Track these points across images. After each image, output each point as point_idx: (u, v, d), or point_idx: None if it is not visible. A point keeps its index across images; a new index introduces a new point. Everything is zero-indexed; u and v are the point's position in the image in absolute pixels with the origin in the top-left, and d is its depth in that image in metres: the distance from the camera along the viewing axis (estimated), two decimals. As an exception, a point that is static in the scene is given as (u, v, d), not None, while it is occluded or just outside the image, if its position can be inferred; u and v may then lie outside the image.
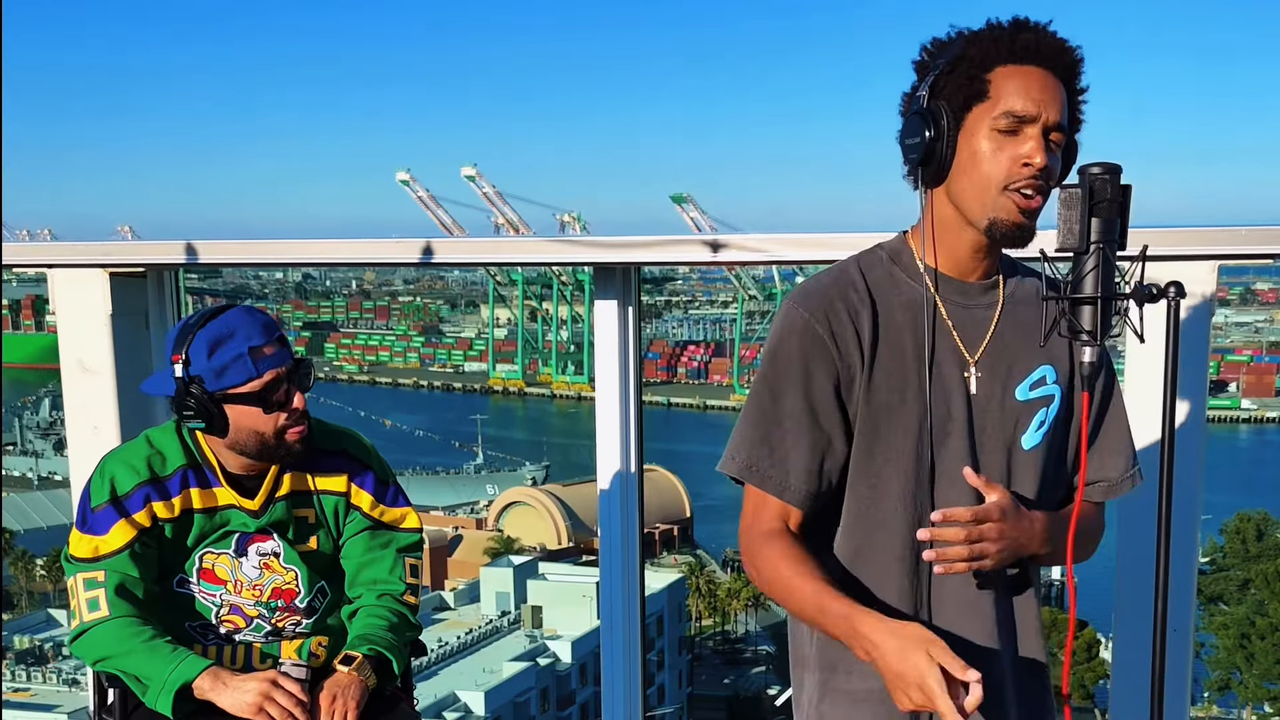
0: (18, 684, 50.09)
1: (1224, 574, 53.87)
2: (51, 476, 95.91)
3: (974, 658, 2.12)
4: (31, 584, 68.35)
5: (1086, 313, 1.92)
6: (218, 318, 2.69)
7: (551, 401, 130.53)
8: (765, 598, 2.11)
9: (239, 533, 2.80)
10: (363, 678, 2.73)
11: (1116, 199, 1.89)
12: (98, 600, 2.69)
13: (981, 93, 1.97)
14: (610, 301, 3.62)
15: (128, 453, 2.79)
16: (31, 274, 25.57)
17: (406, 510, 2.95)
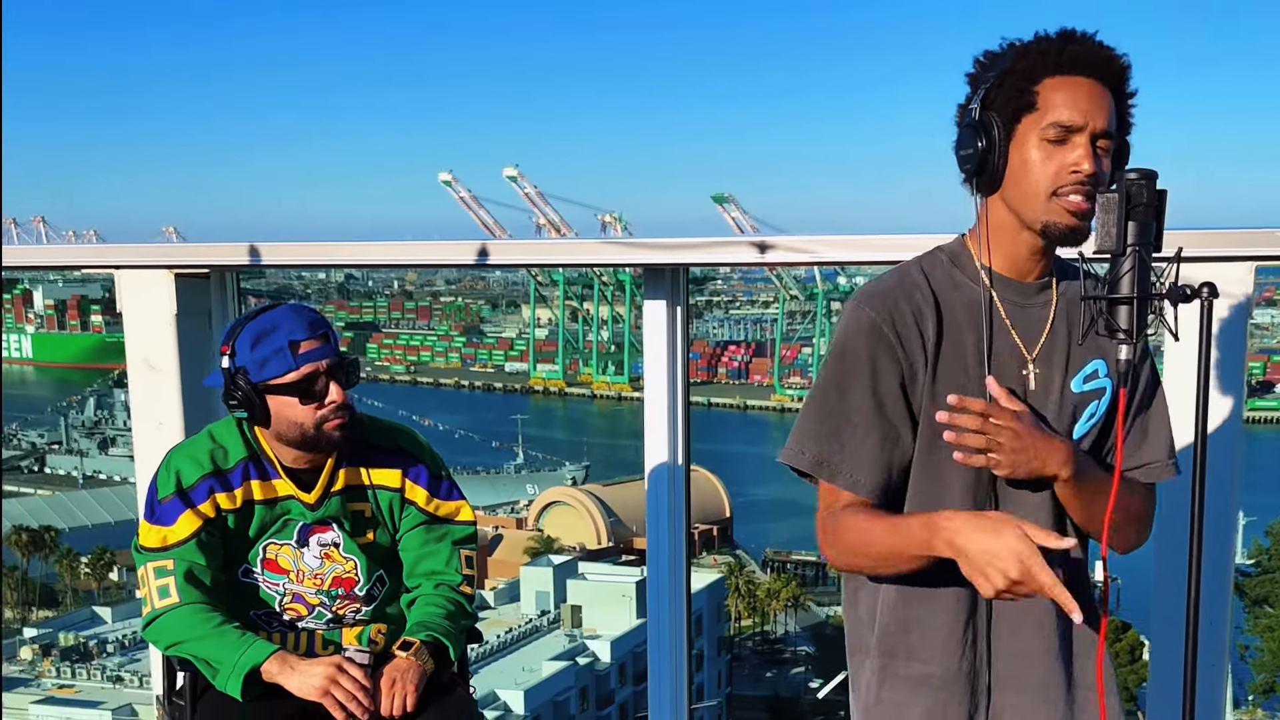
0: (63, 680, 50.67)
1: (1270, 576, 53.30)
2: (96, 475, 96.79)
3: (1032, 666, 2.23)
4: (76, 582, 69.02)
5: (1123, 312, 1.99)
6: (264, 314, 2.84)
7: (592, 401, 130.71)
8: (835, 571, 2.13)
9: (300, 523, 2.92)
10: (421, 663, 2.84)
11: (1152, 203, 1.96)
12: (168, 587, 2.82)
13: (1030, 104, 2.06)
14: (659, 302, 3.71)
15: (192, 447, 2.92)
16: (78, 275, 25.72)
17: (461, 504, 3.06)
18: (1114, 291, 1.99)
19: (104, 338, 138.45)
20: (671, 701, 3.99)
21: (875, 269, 3.21)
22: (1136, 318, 1.98)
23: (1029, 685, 2.24)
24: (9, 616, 64.67)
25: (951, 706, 2.23)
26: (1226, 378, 3.16)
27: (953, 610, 2.22)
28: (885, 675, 2.27)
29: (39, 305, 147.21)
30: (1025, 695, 2.24)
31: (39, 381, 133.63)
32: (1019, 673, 2.24)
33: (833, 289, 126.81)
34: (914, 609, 2.23)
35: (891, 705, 2.26)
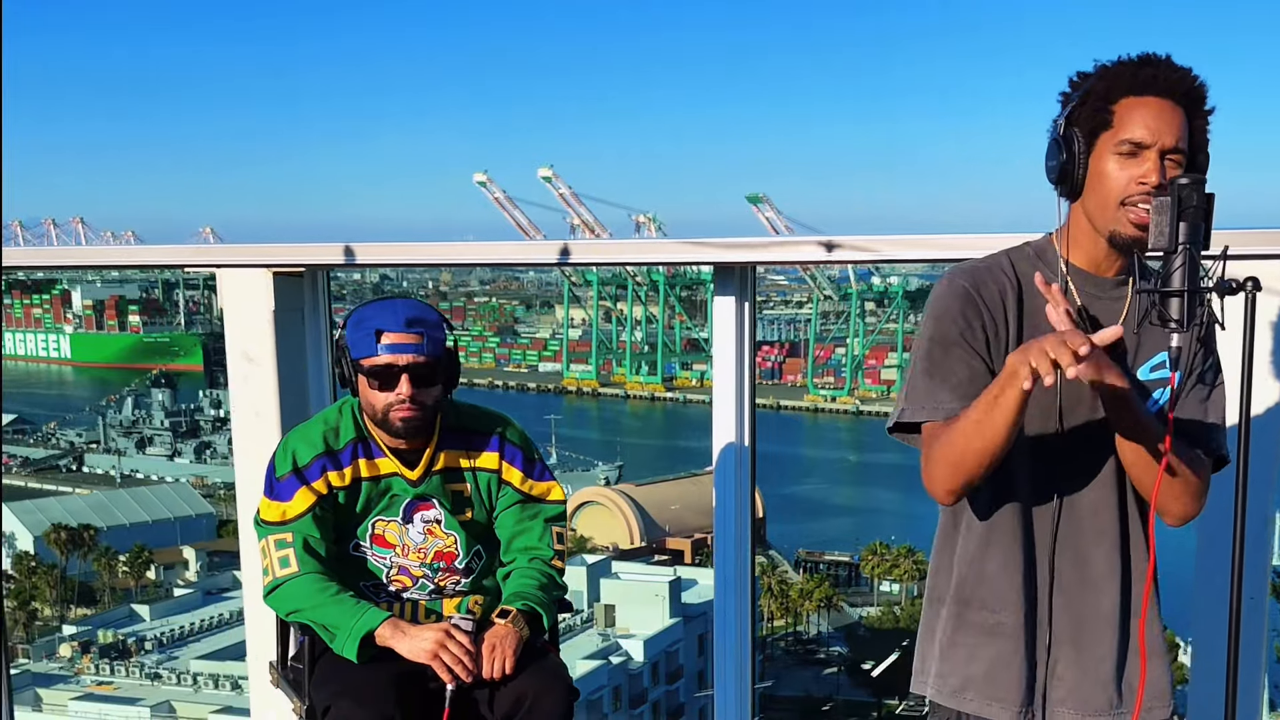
0: (101, 677, 51.15)
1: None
2: (134, 474, 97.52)
3: (1086, 627, 2.45)
4: (114, 580, 69.60)
5: (1174, 304, 2.21)
6: (377, 301, 3.11)
7: (625, 402, 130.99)
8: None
9: (405, 500, 3.17)
10: (518, 629, 3.08)
11: (1201, 205, 2.19)
12: (288, 558, 3.08)
13: (1107, 122, 2.31)
14: (729, 299, 3.93)
15: (307, 429, 3.18)
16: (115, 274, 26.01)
17: (552, 484, 3.31)
18: (1166, 285, 2.21)
19: (141, 338, 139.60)
20: (736, 685, 4.19)
21: (938, 268, 3.40)
22: (1186, 309, 2.21)
23: (1085, 644, 2.47)
24: (48, 614, 65.34)
25: (1016, 655, 2.47)
26: (1272, 372, 3.32)
27: (1021, 568, 2.46)
28: (960, 621, 2.51)
29: (77, 305, 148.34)
30: (1082, 653, 2.48)
31: (77, 381, 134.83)
32: (1075, 632, 2.47)
33: (866, 289, 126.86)
34: (988, 564, 2.47)
35: (964, 648, 2.51)
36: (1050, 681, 2.48)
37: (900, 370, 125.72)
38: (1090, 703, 2.48)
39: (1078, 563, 2.46)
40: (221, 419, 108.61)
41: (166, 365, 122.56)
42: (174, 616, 58.66)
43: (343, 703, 2.96)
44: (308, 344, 4.28)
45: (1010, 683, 2.48)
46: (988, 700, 2.49)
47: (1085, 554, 2.46)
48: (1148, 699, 2.48)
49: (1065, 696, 2.48)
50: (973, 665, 2.51)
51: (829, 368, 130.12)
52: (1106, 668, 2.48)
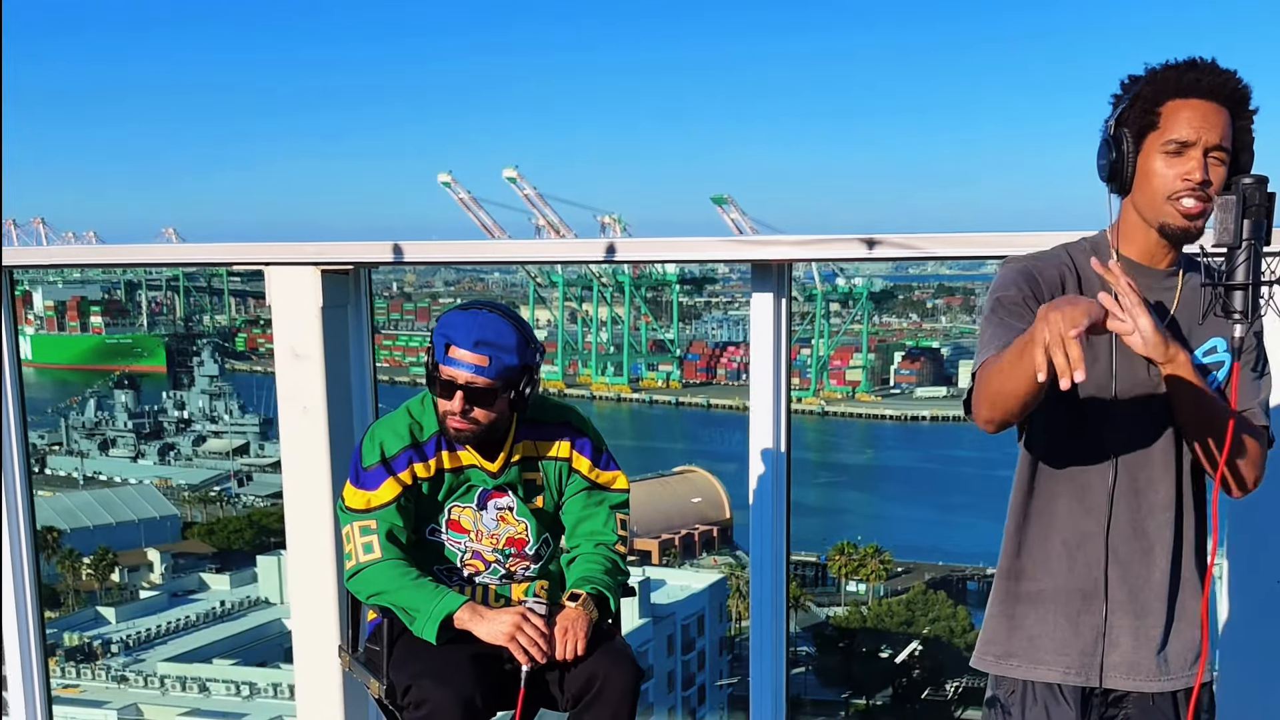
0: (67, 680, 50.81)
1: None
2: (97, 476, 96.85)
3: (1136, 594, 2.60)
4: (78, 583, 69.13)
5: (1238, 297, 2.36)
6: (466, 310, 3.21)
7: (592, 403, 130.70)
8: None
9: (481, 489, 3.29)
10: (588, 612, 3.21)
11: (1265, 204, 2.34)
12: (372, 544, 3.20)
13: (1154, 123, 2.46)
14: (766, 295, 4.05)
15: (394, 422, 3.29)
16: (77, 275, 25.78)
17: (617, 473, 3.44)
18: (1230, 279, 2.36)
19: (104, 339, 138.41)
20: (772, 684, 4.36)
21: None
22: (1251, 301, 2.36)
23: (1136, 611, 2.61)
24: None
25: (1060, 617, 2.63)
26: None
27: (1060, 534, 2.62)
28: (1007, 595, 2.69)
29: (39, 306, 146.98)
30: (1136, 622, 2.62)
31: (39, 383, 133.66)
32: (1130, 602, 2.61)
33: (831, 290, 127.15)
34: (1026, 535, 2.65)
35: (1010, 617, 2.68)
36: (1107, 650, 2.62)
37: (865, 370, 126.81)
38: (1141, 670, 2.62)
39: (1135, 535, 2.60)
40: (185, 421, 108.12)
41: (129, 367, 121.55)
42: (140, 619, 58.41)
43: (424, 682, 3.07)
44: (350, 340, 4.37)
45: (1054, 647, 2.63)
46: (1034, 664, 2.64)
47: (1142, 526, 2.60)
48: (1195, 667, 2.64)
49: (1119, 663, 2.62)
50: (1017, 633, 2.67)
51: (794, 368, 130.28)
52: (1156, 636, 2.62)
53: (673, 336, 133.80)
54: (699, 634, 55.11)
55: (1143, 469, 2.59)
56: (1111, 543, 2.59)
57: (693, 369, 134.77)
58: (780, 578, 4.26)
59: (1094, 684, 2.63)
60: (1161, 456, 2.60)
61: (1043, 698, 2.64)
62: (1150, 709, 2.66)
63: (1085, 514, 2.60)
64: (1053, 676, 2.62)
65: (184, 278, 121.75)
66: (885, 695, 55.78)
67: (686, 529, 73.26)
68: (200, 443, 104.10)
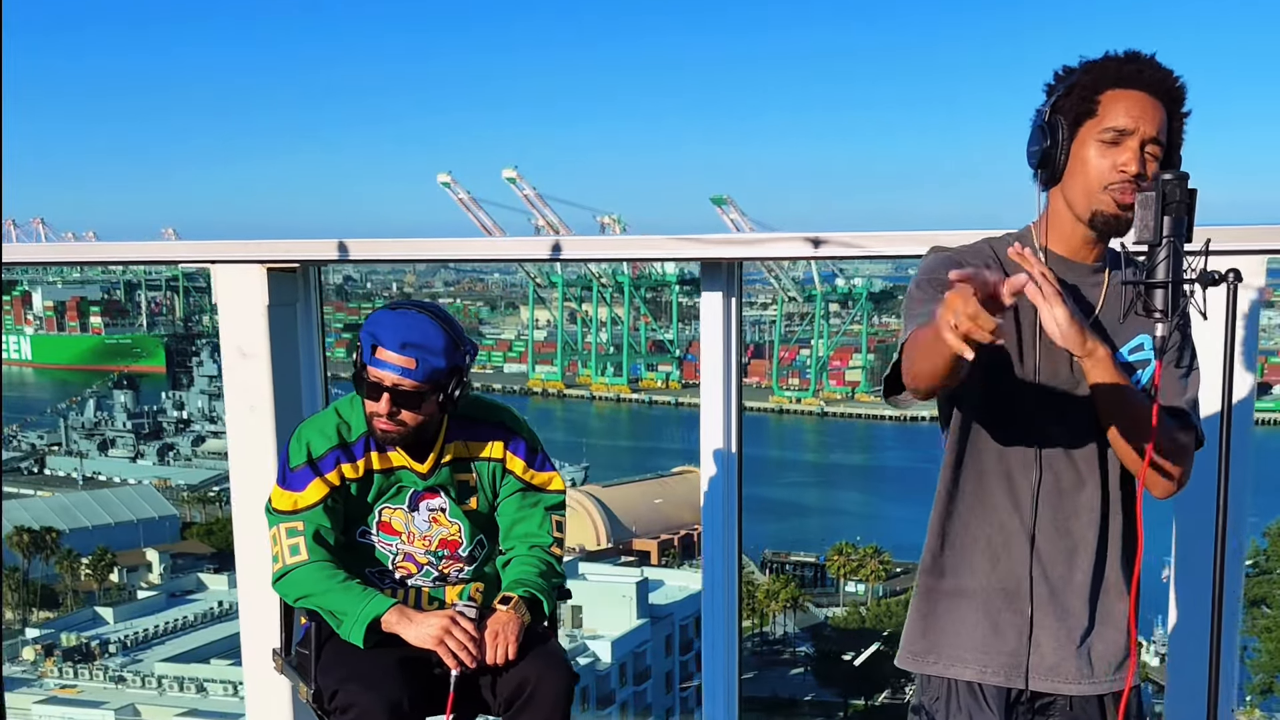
0: (65, 680, 50.81)
1: (1267, 577, 53.58)
2: (96, 477, 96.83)
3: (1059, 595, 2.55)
4: (77, 583, 69.11)
5: (1159, 295, 2.32)
6: (394, 309, 3.16)
7: (591, 403, 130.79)
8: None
9: (412, 490, 3.24)
10: (520, 615, 3.16)
11: (1185, 200, 2.30)
12: (298, 546, 3.16)
13: (1091, 111, 2.41)
14: (715, 294, 4.02)
15: (321, 422, 3.25)
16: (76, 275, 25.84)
17: (553, 474, 3.39)
18: (1151, 277, 2.32)
19: (103, 339, 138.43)
20: (725, 685, 4.33)
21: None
22: (1171, 300, 2.31)
23: (1058, 612, 2.57)
24: (10, 618, 64.86)
25: (980, 616, 2.58)
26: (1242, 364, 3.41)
27: (983, 532, 2.57)
28: (928, 592, 2.64)
29: (38, 307, 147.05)
30: (1060, 622, 2.57)
31: (38, 383, 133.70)
32: (1048, 599, 2.56)
33: (830, 291, 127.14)
34: (950, 532, 2.60)
35: (932, 613, 2.63)
36: (1031, 651, 2.57)
37: (864, 371, 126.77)
38: (1062, 672, 2.58)
39: (1059, 535, 2.55)
40: (184, 421, 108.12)
41: (129, 367, 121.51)
42: (138, 619, 58.36)
43: (350, 686, 3.03)
44: (300, 339, 4.34)
45: (974, 646, 2.58)
46: (952, 662, 2.60)
47: (1066, 526, 2.55)
48: (1122, 670, 2.60)
49: (1040, 664, 2.57)
50: (938, 630, 2.62)
51: (794, 369, 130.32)
52: (1078, 638, 2.58)
53: (672, 337, 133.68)
54: (697, 635, 54.92)
55: (1068, 469, 2.55)
56: (1035, 543, 2.55)
57: (692, 369, 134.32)
58: (732, 579, 4.23)
59: (1018, 685, 2.58)
60: (1087, 457, 2.55)
61: (966, 704, 2.59)
62: (1077, 713, 2.62)
63: (1009, 513, 2.56)
64: (970, 675, 2.58)
65: (183, 278, 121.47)
66: (885, 696, 55.68)
67: (685, 529, 73.17)
68: (199, 443, 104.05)
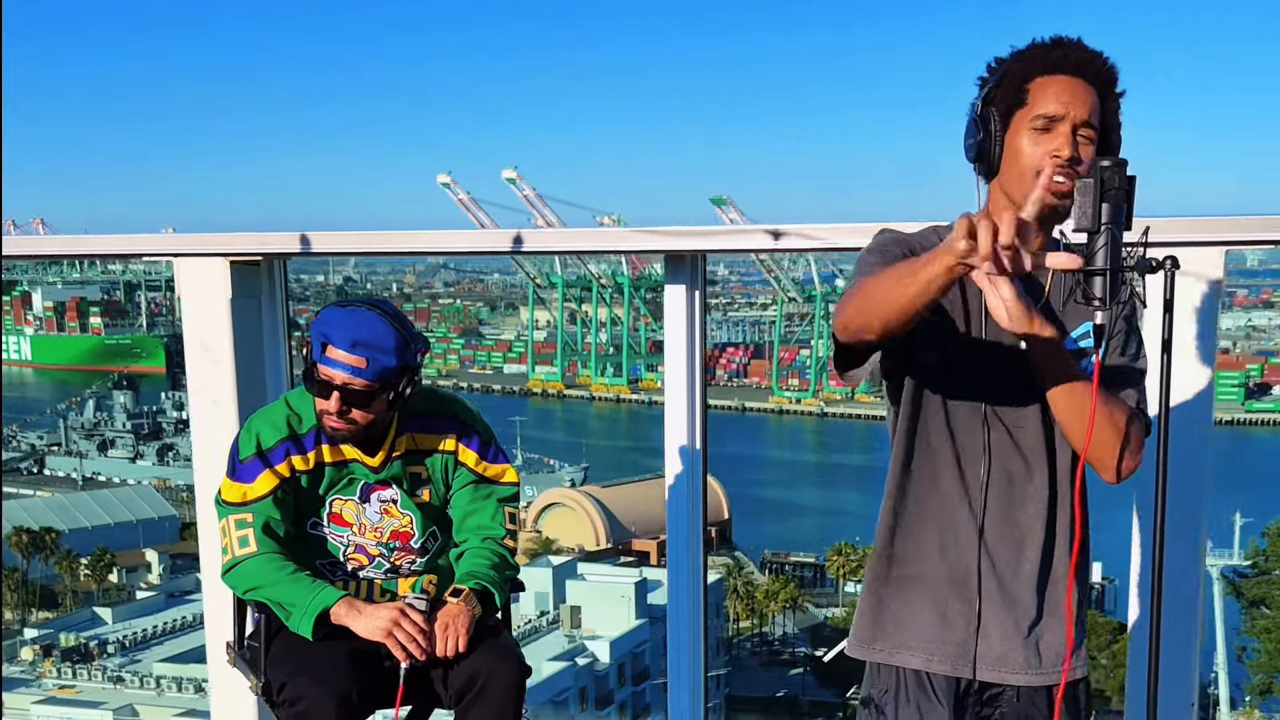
0: (64, 680, 50.76)
1: (1266, 577, 53.41)
2: (95, 477, 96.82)
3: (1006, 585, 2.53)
4: (76, 583, 69.08)
5: (1097, 282, 2.29)
6: (343, 307, 3.13)
7: (591, 403, 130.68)
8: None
9: (363, 482, 3.23)
10: (470, 608, 3.15)
11: (1123, 187, 2.27)
12: (247, 538, 3.14)
13: (1021, 100, 2.40)
14: (679, 286, 4.00)
15: (271, 413, 3.23)
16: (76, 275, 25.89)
17: (506, 466, 3.38)
18: (1089, 264, 2.29)
19: (103, 340, 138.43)
20: (690, 688, 4.28)
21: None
22: (1109, 287, 2.29)
23: (1006, 602, 2.55)
24: (9, 618, 64.81)
25: (928, 603, 2.56)
26: (1200, 357, 3.40)
27: (932, 521, 2.56)
28: (877, 579, 2.62)
29: (38, 307, 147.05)
30: (1008, 612, 2.55)
31: (38, 384, 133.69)
32: (996, 589, 2.55)
33: (831, 291, 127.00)
34: (900, 521, 2.58)
35: (881, 601, 2.61)
36: (979, 640, 2.55)
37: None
38: (1009, 662, 2.56)
39: (1007, 525, 2.54)
40: (184, 421, 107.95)
41: (128, 367, 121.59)
42: (137, 619, 58.25)
43: (299, 679, 3.02)
44: (265, 332, 4.32)
45: (922, 634, 2.56)
46: (898, 649, 2.58)
47: (1014, 516, 2.54)
48: (1071, 661, 2.58)
49: (988, 654, 2.55)
50: (886, 618, 2.61)
51: (794, 369, 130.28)
52: (1026, 627, 2.56)
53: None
54: (695, 635, 54.82)
55: (1016, 459, 2.54)
56: (984, 532, 2.54)
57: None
58: (696, 574, 4.20)
59: (965, 675, 2.56)
60: (1036, 447, 2.54)
61: (915, 696, 2.57)
62: (1025, 705, 2.60)
63: (958, 502, 2.54)
64: (917, 663, 2.56)
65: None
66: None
67: (684, 529, 73.10)
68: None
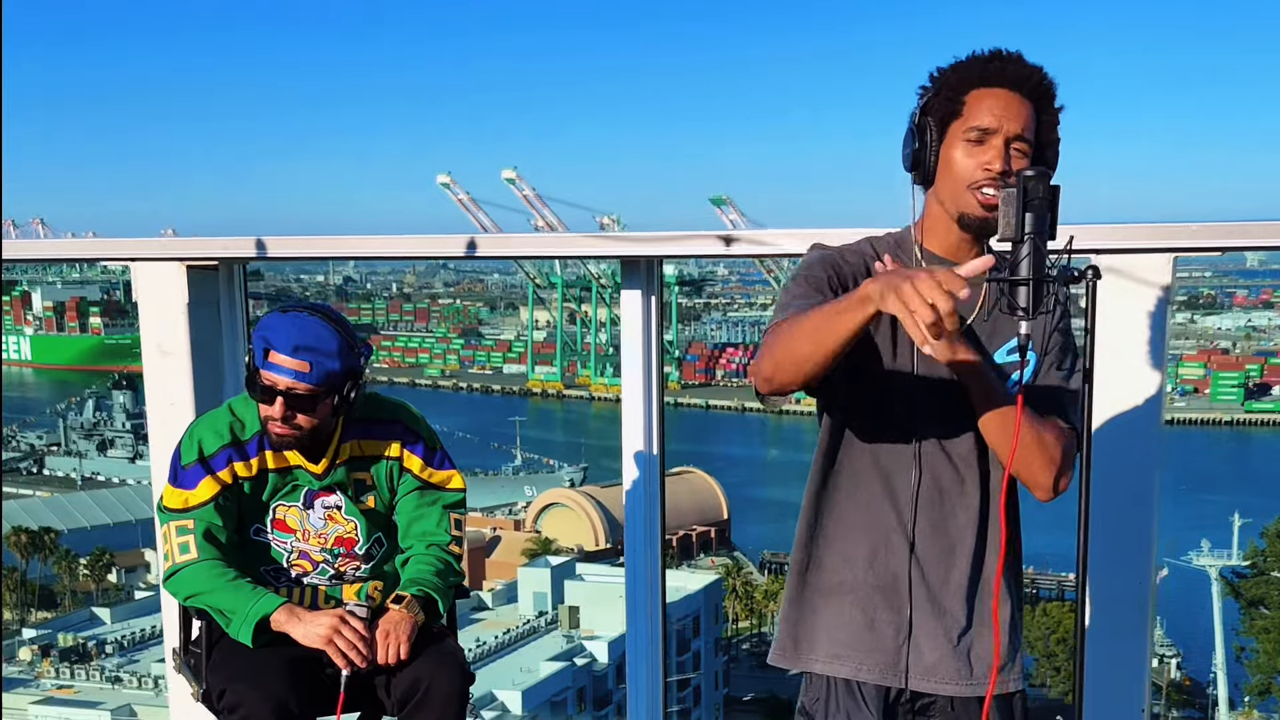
0: (62, 680, 50.76)
1: (1264, 578, 53.39)
2: (95, 477, 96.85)
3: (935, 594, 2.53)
4: (75, 583, 69.08)
5: (1022, 293, 2.29)
6: (285, 312, 3.12)
7: (590, 404, 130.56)
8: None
9: (307, 488, 3.23)
10: (412, 615, 3.14)
11: (1046, 197, 2.27)
12: (188, 545, 3.14)
13: (957, 111, 2.41)
14: (635, 292, 4.00)
15: (214, 419, 3.22)
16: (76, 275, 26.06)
17: (452, 473, 3.37)
18: (1013, 274, 2.29)
19: (103, 339, 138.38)
20: (649, 696, 4.27)
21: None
22: (1032, 297, 2.29)
23: (936, 612, 2.55)
24: (8, 618, 64.82)
25: (857, 613, 2.55)
26: (1149, 362, 3.39)
27: (860, 529, 2.55)
28: (803, 584, 2.61)
29: (38, 307, 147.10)
30: (938, 621, 2.55)
31: (38, 383, 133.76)
32: (926, 599, 2.55)
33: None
34: (825, 529, 2.58)
35: (808, 609, 2.60)
36: (910, 649, 2.55)
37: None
38: (940, 672, 2.56)
39: (936, 534, 2.53)
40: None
41: (128, 367, 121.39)
42: (135, 619, 58.25)
43: (238, 686, 3.02)
44: (224, 337, 4.33)
45: (850, 644, 2.55)
46: (828, 660, 2.57)
47: (944, 526, 2.54)
48: (1004, 673, 2.57)
49: (918, 664, 2.55)
50: (814, 628, 2.59)
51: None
52: (956, 637, 2.56)
53: (671, 338, 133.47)
54: (694, 635, 54.94)
55: (946, 468, 2.54)
56: (914, 542, 2.53)
57: (691, 370, 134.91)
58: (655, 576, 4.19)
59: (897, 685, 2.56)
60: (966, 456, 2.54)
61: (845, 705, 2.56)
62: (959, 715, 2.59)
63: (887, 511, 2.54)
64: (845, 672, 2.55)
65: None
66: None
67: (684, 530, 73.17)
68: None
